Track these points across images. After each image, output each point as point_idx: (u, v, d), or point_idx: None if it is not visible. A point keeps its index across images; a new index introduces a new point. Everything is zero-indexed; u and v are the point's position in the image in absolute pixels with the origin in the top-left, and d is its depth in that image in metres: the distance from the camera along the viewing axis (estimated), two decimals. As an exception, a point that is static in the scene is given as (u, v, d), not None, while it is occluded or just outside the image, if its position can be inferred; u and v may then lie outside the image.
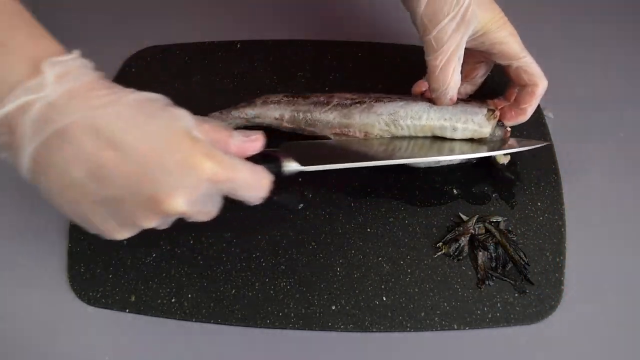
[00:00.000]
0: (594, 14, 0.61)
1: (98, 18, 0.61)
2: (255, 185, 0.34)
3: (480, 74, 0.49)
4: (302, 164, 0.40)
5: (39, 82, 0.29)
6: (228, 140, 0.34)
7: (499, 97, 0.48)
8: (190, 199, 0.31)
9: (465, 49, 0.43)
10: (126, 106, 0.30)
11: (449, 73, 0.43)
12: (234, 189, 0.33)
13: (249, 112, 0.49)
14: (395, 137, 0.46)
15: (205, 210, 0.34)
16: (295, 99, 0.49)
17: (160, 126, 0.31)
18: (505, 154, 0.47)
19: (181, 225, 0.45)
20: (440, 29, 0.42)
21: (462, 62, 0.43)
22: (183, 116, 0.32)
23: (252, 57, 0.56)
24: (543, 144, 0.48)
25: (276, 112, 0.48)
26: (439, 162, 0.47)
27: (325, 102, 0.48)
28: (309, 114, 0.47)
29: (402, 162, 0.44)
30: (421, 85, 0.49)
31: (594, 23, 0.60)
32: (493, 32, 0.43)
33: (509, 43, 0.43)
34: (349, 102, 0.47)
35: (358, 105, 0.46)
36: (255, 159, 0.36)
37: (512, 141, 0.47)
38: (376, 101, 0.46)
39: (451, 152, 0.45)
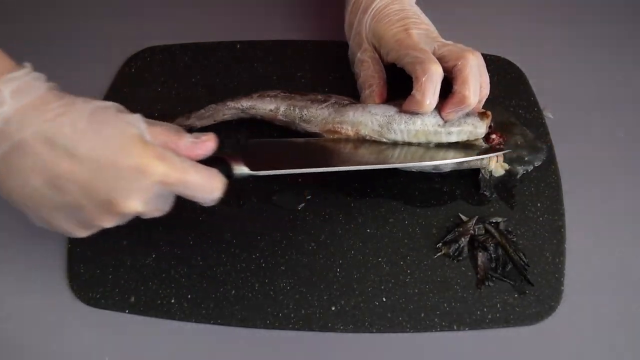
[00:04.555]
0: (595, 14, 0.61)
1: (98, 18, 0.61)
2: (206, 187, 0.35)
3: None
4: (252, 169, 0.39)
5: None
6: (178, 142, 0.35)
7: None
8: (144, 200, 0.33)
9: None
10: (78, 115, 0.32)
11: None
12: (185, 190, 0.35)
13: (244, 103, 0.49)
14: (386, 145, 0.45)
15: (160, 208, 0.36)
16: (293, 95, 0.49)
17: (112, 133, 0.32)
18: (501, 165, 0.46)
19: (181, 226, 0.46)
20: None
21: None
22: (135, 121, 0.34)
23: (252, 57, 0.56)
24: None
25: (271, 104, 0.49)
26: (422, 167, 0.46)
27: (322, 100, 0.48)
28: (305, 110, 0.48)
29: (365, 168, 0.43)
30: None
31: (594, 23, 0.60)
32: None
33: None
34: (346, 102, 0.48)
35: (354, 105, 0.47)
36: (205, 162, 0.36)
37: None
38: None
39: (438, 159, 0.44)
